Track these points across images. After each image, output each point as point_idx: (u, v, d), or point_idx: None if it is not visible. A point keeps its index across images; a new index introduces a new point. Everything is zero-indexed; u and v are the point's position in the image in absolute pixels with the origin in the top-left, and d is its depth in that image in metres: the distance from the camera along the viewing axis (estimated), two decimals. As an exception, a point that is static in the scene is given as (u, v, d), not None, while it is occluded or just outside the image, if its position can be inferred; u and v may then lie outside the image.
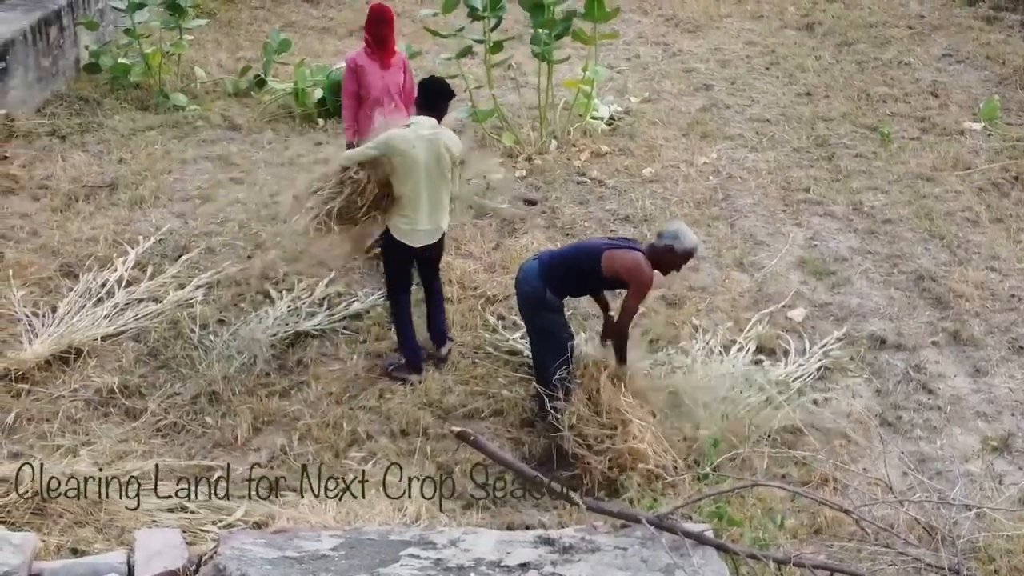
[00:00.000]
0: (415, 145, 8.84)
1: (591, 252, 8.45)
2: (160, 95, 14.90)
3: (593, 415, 8.09)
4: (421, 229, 9.07)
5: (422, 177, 8.89)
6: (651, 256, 8.28)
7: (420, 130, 8.95)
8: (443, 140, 8.99)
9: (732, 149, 13.75)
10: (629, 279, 8.26)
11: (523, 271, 8.65)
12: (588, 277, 8.43)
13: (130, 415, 8.76)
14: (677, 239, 8.28)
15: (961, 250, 11.34)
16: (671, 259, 8.33)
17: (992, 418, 8.85)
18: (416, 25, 17.18)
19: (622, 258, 8.27)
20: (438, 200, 9.08)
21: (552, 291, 8.41)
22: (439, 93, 9.23)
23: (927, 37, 17.92)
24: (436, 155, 8.91)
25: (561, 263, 8.51)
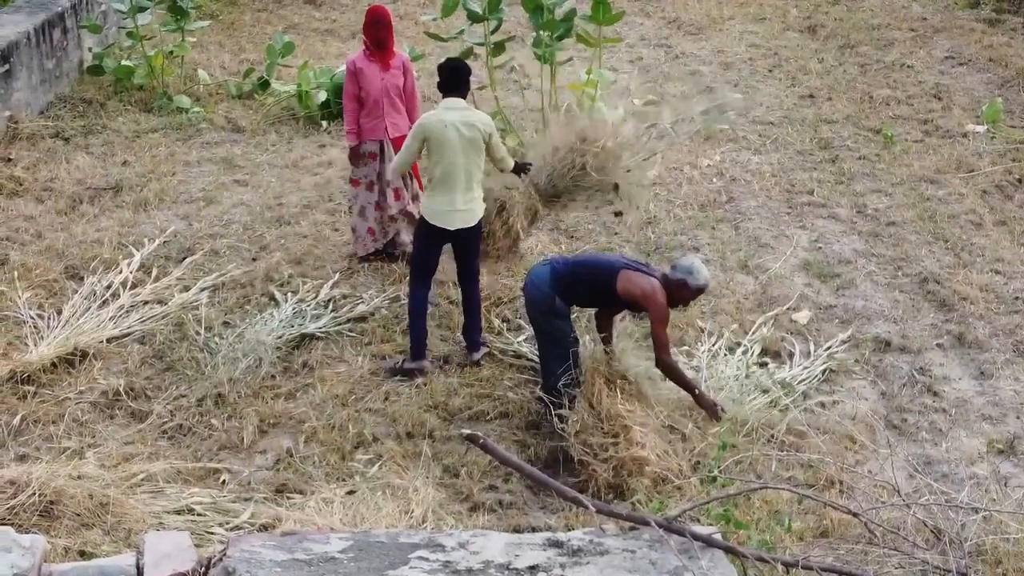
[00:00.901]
0: (446, 125, 9.04)
1: (607, 268, 8.45)
2: (163, 97, 14.90)
3: (596, 423, 8.08)
4: (458, 210, 9.19)
5: (458, 157, 9.07)
6: (664, 286, 8.30)
7: (450, 111, 9.15)
8: (475, 118, 9.20)
9: (735, 152, 13.76)
10: (647, 305, 8.29)
11: (533, 275, 8.63)
12: (601, 291, 8.44)
13: (136, 417, 8.75)
14: (691, 275, 8.30)
15: (965, 253, 11.34)
16: (683, 294, 8.35)
17: (997, 421, 8.84)
18: (419, 27, 17.22)
19: (639, 282, 8.28)
20: (472, 180, 9.23)
21: (562, 298, 8.41)
22: (457, 71, 9.35)
23: (929, 40, 17.94)
24: (469, 134, 9.09)
25: (574, 273, 8.50)
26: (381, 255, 11.00)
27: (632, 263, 8.58)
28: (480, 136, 9.15)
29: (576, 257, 9.00)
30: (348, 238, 11.24)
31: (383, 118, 10.71)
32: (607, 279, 8.36)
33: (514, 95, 14.84)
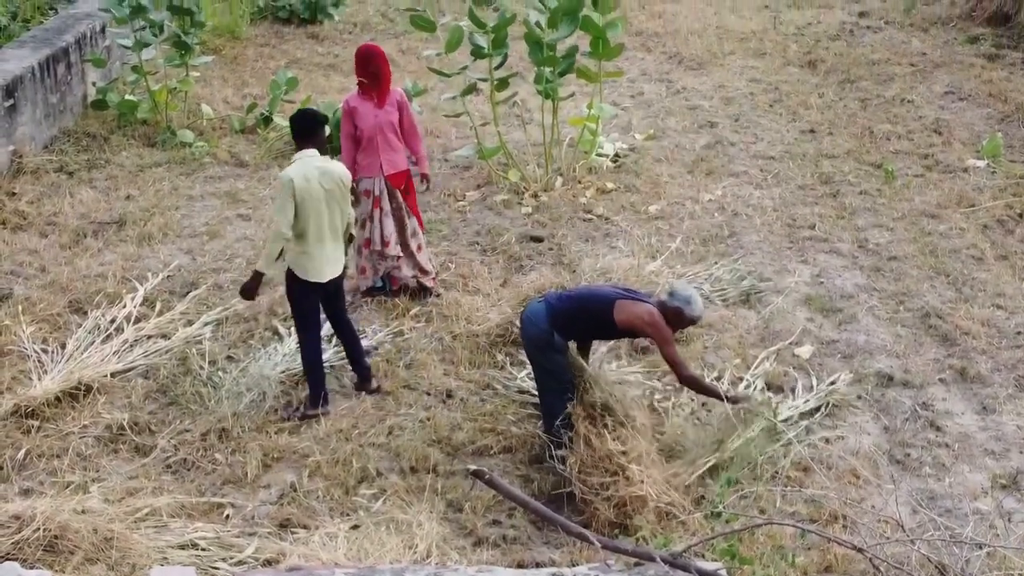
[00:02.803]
0: (308, 179, 8.85)
1: (602, 300, 8.46)
2: (167, 132, 14.98)
3: (594, 461, 8.08)
4: (328, 262, 9.10)
5: (321, 208, 8.91)
6: (660, 312, 8.33)
7: (311, 164, 8.96)
8: (332, 169, 9.04)
9: (737, 186, 13.81)
10: (650, 333, 8.35)
11: (530, 312, 8.62)
12: (598, 324, 8.44)
13: (140, 452, 8.76)
14: (688, 304, 8.36)
15: (967, 287, 11.36)
16: (677, 320, 8.40)
17: (1000, 456, 8.84)
18: (420, 63, 17.30)
19: (637, 311, 8.31)
20: (338, 231, 9.14)
21: (560, 334, 8.42)
22: (311, 124, 9.11)
23: (929, 75, 18.03)
24: (328, 186, 8.94)
25: (569, 308, 8.49)
26: (383, 290, 11.02)
27: (624, 292, 8.60)
28: (338, 187, 9.00)
29: (570, 292, 8.95)
30: (349, 273, 11.27)
31: (378, 155, 10.72)
32: (604, 311, 8.37)
33: (516, 130, 14.91)
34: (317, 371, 9.28)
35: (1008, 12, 20.00)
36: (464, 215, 12.96)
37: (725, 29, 20.93)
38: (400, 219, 10.89)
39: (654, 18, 21.75)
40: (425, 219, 11.99)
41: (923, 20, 21.22)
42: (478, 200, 13.36)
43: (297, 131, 9.12)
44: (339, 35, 20.36)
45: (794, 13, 22.17)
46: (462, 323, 10.53)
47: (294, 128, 9.15)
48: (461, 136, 15.11)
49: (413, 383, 9.72)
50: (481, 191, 13.60)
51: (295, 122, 9.15)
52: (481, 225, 12.68)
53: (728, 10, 22.43)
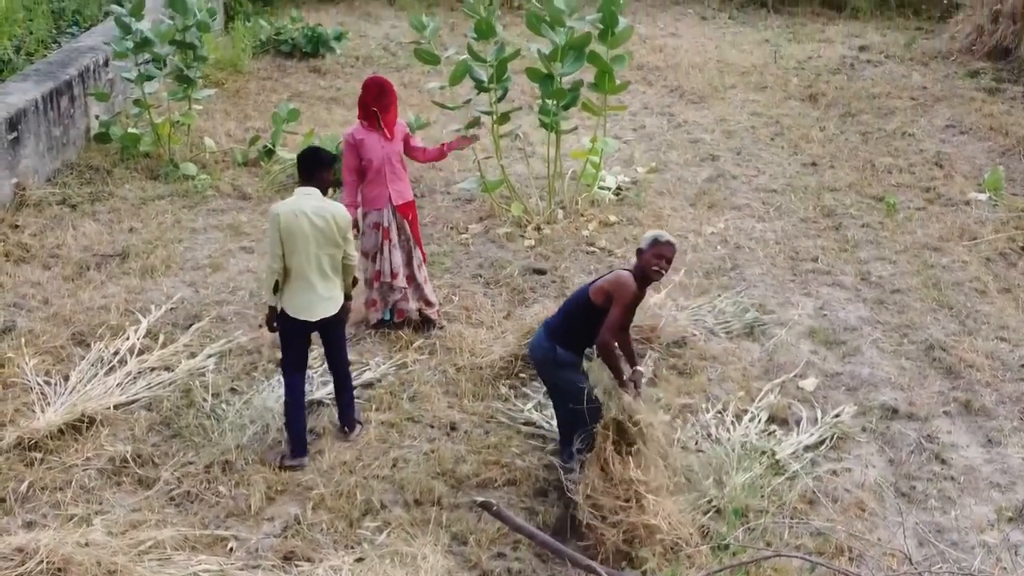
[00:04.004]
0: (297, 215, 8.73)
1: (580, 293, 8.42)
2: (170, 165, 15.01)
3: (607, 486, 8.04)
4: (311, 301, 8.93)
5: (310, 246, 8.78)
6: (635, 271, 8.26)
7: (305, 202, 8.84)
8: (329, 210, 8.87)
9: (739, 219, 13.83)
10: (614, 291, 8.14)
11: (533, 338, 8.64)
12: (586, 317, 8.29)
13: (143, 484, 8.72)
14: (657, 236, 8.24)
15: (970, 320, 11.36)
16: (647, 259, 8.19)
17: (1006, 488, 8.82)
18: (423, 95, 17.36)
19: (606, 280, 8.24)
20: (325, 270, 8.95)
21: (563, 347, 8.37)
22: (316, 163, 9.01)
23: (930, 108, 18.09)
24: (321, 224, 8.79)
25: (561, 318, 8.47)
26: (388, 322, 11.02)
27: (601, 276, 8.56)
28: (333, 228, 8.83)
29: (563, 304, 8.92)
30: (355, 305, 11.26)
31: (386, 186, 10.72)
32: (584, 301, 8.29)
33: (519, 163, 14.94)
34: (295, 418, 9.07)
35: (1008, 46, 20.08)
36: (467, 248, 12.97)
37: (726, 63, 21.01)
38: (407, 251, 10.90)
39: (655, 52, 21.84)
40: (428, 252, 12.02)
41: (923, 54, 21.30)
42: (481, 233, 13.37)
43: (302, 168, 9.04)
44: (341, 69, 20.42)
45: (795, 47, 22.27)
46: (466, 355, 10.52)
47: (300, 165, 9.07)
48: (464, 169, 15.13)
49: (417, 415, 9.70)
50: (484, 224, 13.61)
51: (301, 159, 9.07)
52: (484, 258, 12.69)
53: (729, 44, 22.54)
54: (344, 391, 9.43)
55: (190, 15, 15.05)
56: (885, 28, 23.78)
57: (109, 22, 17.45)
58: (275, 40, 21.11)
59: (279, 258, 8.78)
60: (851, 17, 24.76)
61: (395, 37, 22.31)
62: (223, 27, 21.76)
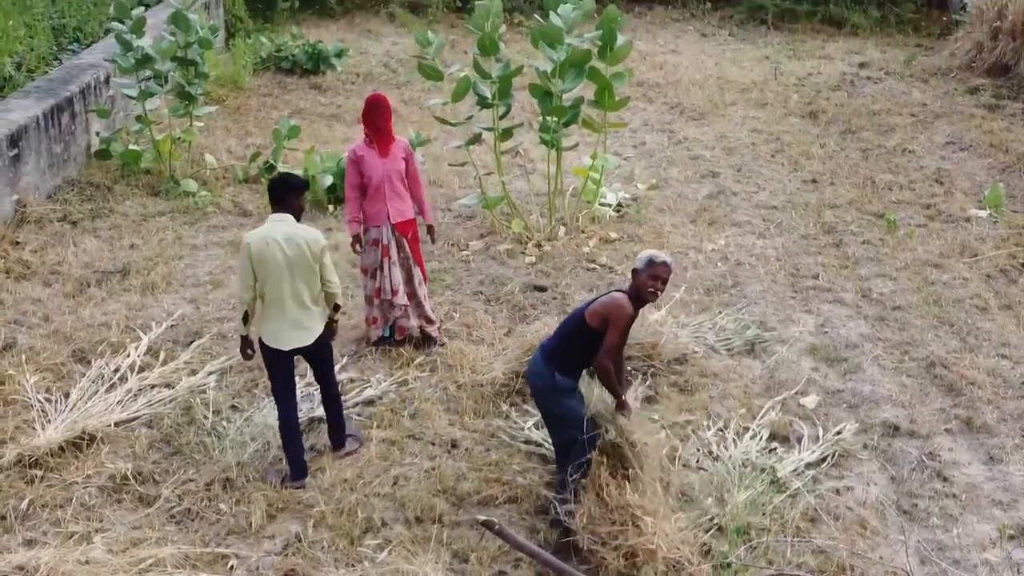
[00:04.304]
0: (269, 243, 8.64)
1: (576, 316, 8.37)
2: (170, 181, 15.03)
3: (604, 513, 8.03)
4: (289, 330, 8.85)
5: (282, 274, 8.69)
6: (630, 293, 8.24)
7: (277, 228, 8.74)
8: (302, 236, 8.77)
9: (740, 236, 13.83)
10: (608, 315, 8.12)
11: (530, 364, 8.57)
12: (582, 340, 8.25)
13: (144, 502, 8.71)
14: (645, 261, 8.20)
15: (971, 337, 11.35)
16: (643, 281, 8.18)
17: (1008, 506, 8.80)
18: (424, 112, 17.39)
19: (601, 303, 8.20)
20: (303, 299, 8.85)
21: (561, 372, 8.30)
22: (287, 189, 8.89)
23: (930, 125, 18.11)
24: (291, 252, 8.70)
25: (557, 341, 8.43)
26: (388, 340, 11.02)
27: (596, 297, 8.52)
28: (306, 254, 8.73)
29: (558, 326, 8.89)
30: (355, 322, 11.28)
31: (385, 204, 10.73)
32: (580, 324, 8.24)
33: (519, 179, 14.96)
34: (290, 440, 9.02)
35: (1008, 63, 20.10)
36: (468, 264, 12.97)
37: (726, 80, 21.04)
38: (407, 268, 10.91)
39: (656, 69, 21.87)
40: (429, 268, 12.02)
41: (923, 71, 21.34)
42: (482, 250, 13.37)
43: (273, 195, 8.92)
44: (342, 85, 20.45)
45: (795, 64, 22.30)
46: (467, 373, 10.51)
47: (271, 192, 8.95)
48: (464, 186, 15.14)
49: (418, 433, 9.69)
50: (485, 241, 13.62)
51: (271, 186, 8.96)
52: (485, 275, 12.69)
53: (729, 61, 22.57)
54: (331, 411, 9.38)
55: (191, 32, 15.08)
56: (885, 45, 23.82)
57: (110, 39, 17.46)
58: (276, 57, 21.15)
59: (250, 288, 8.72)
60: (851, 34, 24.81)
61: (396, 54, 22.35)
62: (224, 44, 21.79)
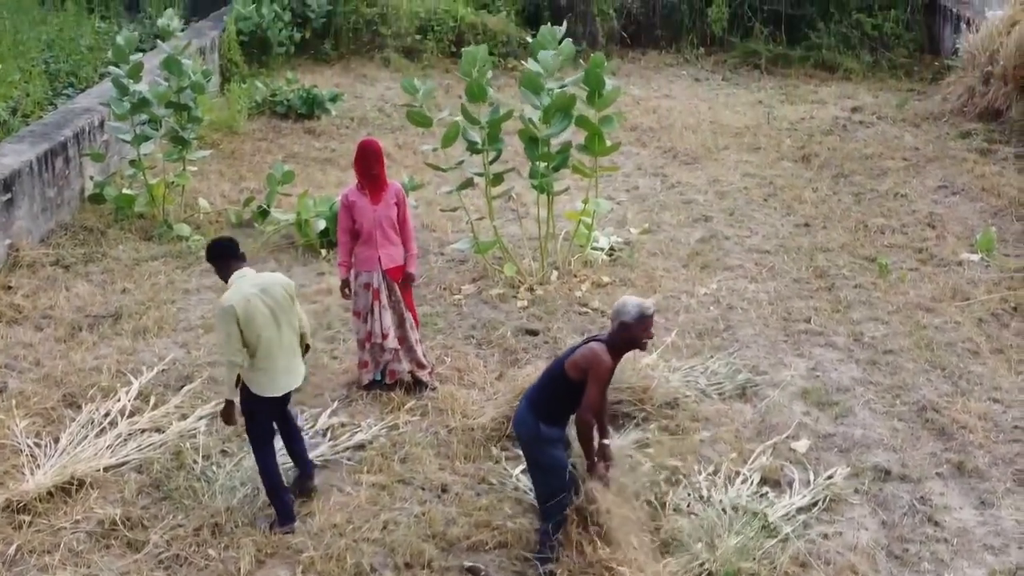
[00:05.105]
0: (250, 300, 8.65)
1: (556, 367, 8.37)
2: (164, 225, 15.05)
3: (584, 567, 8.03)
4: (282, 375, 8.90)
5: (272, 327, 8.74)
6: (611, 343, 8.23)
7: (248, 283, 8.76)
8: (274, 282, 8.87)
9: (732, 280, 13.85)
10: (588, 367, 8.11)
11: (516, 413, 8.56)
12: (564, 390, 8.24)
13: (132, 547, 8.68)
14: (622, 314, 8.17)
15: (963, 381, 11.35)
16: (630, 335, 8.21)
17: (1000, 551, 8.78)
18: (418, 157, 17.44)
19: (580, 355, 8.18)
20: (289, 343, 8.93)
21: (546, 423, 8.28)
22: (221, 247, 8.96)
23: (922, 169, 18.14)
24: (276, 299, 8.77)
25: (541, 391, 8.41)
26: (379, 383, 11.01)
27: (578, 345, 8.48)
28: (285, 296, 8.83)
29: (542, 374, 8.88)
30: (346, 366, 11.28)
31: (376, 250, 10.76)
32: (560, 375, 8.24)
33: (512, 224, 14.99)
34: (280, 490, 9.03)
35: (999, 108, 20.15)
36: (460, 308, 12.98)
37: (719, 124, 21.10)
38: (398, 312, 10.92)
39: (649, 113, 21.94)
40: (421, 313, 12.02)
41: (915, 115, 21.39)
42: (474, 294, 13.39)
43: (214, 261, 8.96)
44: (336, 130, 20.50)
45: (787, 108, 22.38)
46: (458, 417, 10.50)
47: (211, 258, 8.99)
48: (457, 230, 15.17)
49: (408, 477, 9.67)
50: (477, 285, 13.63)
51: (209, 254, 9.01)
52: (477, 319, 12.69)
53: (722, 105, 22.65)
54: (298, 440, 9.45)
55: (184, 77, 15.14)
56: (877, 90, 23.90)
57: (105, 84, 17.54)
58: (271, 101, 21.19)
59: (239, 352, 8.67)
60: (844, 79, 24.89)
61: (390, 98, 22.41)
62: (219, 88, 21.85)
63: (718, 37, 26.82)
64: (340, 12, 25.55)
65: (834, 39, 25.80)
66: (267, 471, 9.02)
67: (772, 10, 26.54)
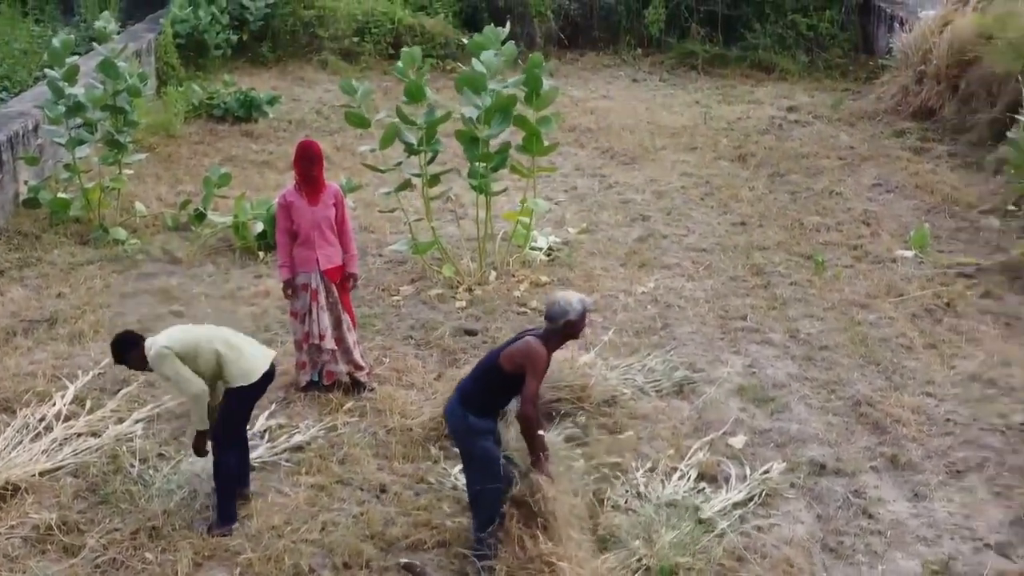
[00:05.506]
0: (184, 331, 8.87)
1: (491, 359, 8.41)
2: (100, 229, 14.94)
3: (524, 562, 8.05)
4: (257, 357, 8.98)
5: (208, 334, 8.86)
6: (548, 338, 8.28)
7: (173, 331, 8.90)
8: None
9: (670, 278, 13.93)
10: (524, 362, 8.16)
11: (447, 404, 8.60)
12: (498, 383, 8.29)
13: (68, 552, 8.61)
14: (568, 312, 8.23)
15: (897, 375, 11.48)
16: (572, 331, 8.32)
17: (932, 542, 8.88)
18: (356, 159, 17.41)
19: (516, 349, 8.23)
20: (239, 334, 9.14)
21: (476, 414, 8.29)
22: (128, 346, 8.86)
23: (857, 167, 18.33)
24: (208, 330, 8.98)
25: (473, 384, 8.44)
26: (317, 385, 11.00)
27: (514, 338, 8.54)
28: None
29: (475, 367, 8.91)
30: (284, 368, 11.24)
31: (315, 250, 10.75)
32: (495, 368, 8.28)
33: (450, 224, 15.00)
34: (234, 494, 9.06)
35: (933, 106, 20.40)
36: (398, 309, 12.98)
37: (657, 124, 21.21)
38: (336, 314, 10.91)
39: (587, 114, 22.02)
40: (359, 314, 12.00)
41: (850, 115, 21.61)
42: (412, 295, 13.39)
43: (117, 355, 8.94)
44: (274, 132, 20.43)
45: (724, 108, 22.54)
46: (396, 417, 10.50)
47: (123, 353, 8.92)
48: (395, 231, 15.16)
49: (347, 478, 9.65)
50: (415, 286, 13.64)
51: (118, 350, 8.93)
52: (415, 319, 12.70)
53: (660, 106, 22.78)
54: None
55: (121, 80, 15.04)
56: (813, 89, 24.12)
57: (39, 87, 17.40)
58: (208, 104, 21.08)
59: (195, 381, 8.67)
60: (780, 79, 25.10)
61: (328, 101, 22.36)
62: (156, 92, 21.70)
63: (655, 38, 26.97)
64: (278, 15, 25.50)
65: (770, 40, 26.04)
66: (230, 474, 9.02)
67: (709, 11, 26.73)
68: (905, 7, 24.57)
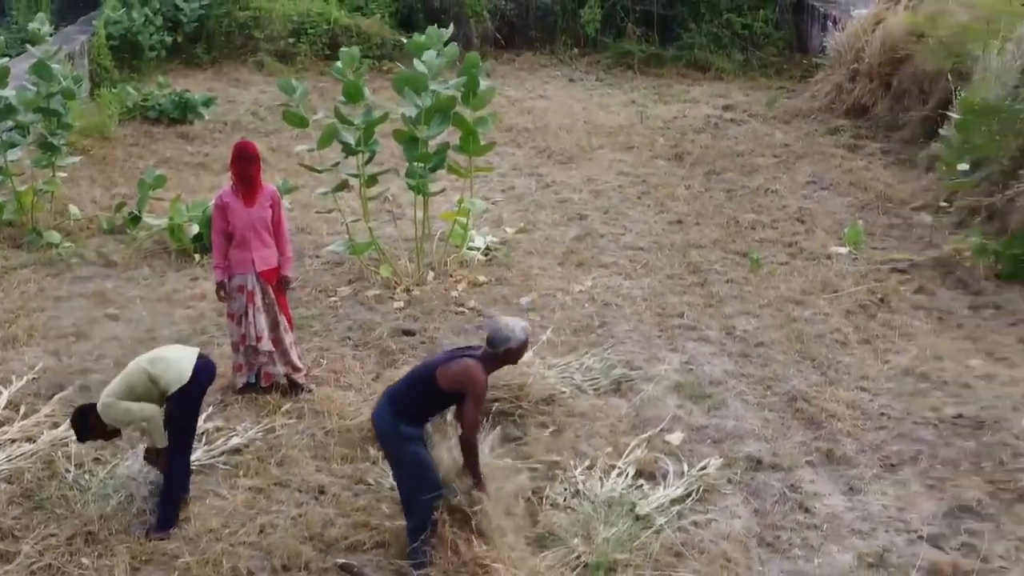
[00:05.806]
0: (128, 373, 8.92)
1: (427, 371, 8.39)
2: (33, 233, 14.81)
3: (459, 565, 8.07)
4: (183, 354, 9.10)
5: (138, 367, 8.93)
6: (487, 361, 8.31)
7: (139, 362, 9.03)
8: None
9: (607, 277, 13.99)
10: (465, 386, 8.17)
11: (376, 409, 8.56)
12: (432, 397, 8.32)
13: (3, 558, 8.52)
14: (511, 340, 8.28)
15: (832, 371, 11.58)
16: (511, 358, 8.41)
17: (867, 535, 8.98)
18: (291, 160, 17.35)
19: (455, 368, 8.22)
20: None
21: (406, 423, 8.30)
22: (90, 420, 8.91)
23: (792, 165, 18.49)
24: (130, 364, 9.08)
25: (405, 392, 8.42)
26: (254, 387, 10.96)
27: (451, 354, 8.53)
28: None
29: (403, 377, 8.90)
30: (222, 370, 11.15)
31: (251, 252, 10.72)
32: (430, 382, 8.27)
33: (388, 225, 14.99)
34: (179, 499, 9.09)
35: (866, 104, 20.62)
36: (336, 310, 12.95)
37: (594, 124, 21.29)
38: (272, 315, 10.88)
39: (524, 114, 22.07)
40: (296, 315, 11.97)
41: (785, 113, 21.79)
42: (350, 295, 13.36)
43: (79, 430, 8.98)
44: (210, 134, 20.32)
45: (661, 108, 22.65)
46: (334, 418, 10.48)
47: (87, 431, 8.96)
48: (332, 232, 15.13)
49: (285, 480, 9.62)
50: (353, 286, 13.61)
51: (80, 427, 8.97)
52: (353, 320, 12.68)
53: (596, 105, 22.85)
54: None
55: (54, 82, 14.90)
56: (748, 88, 24.29)
57: (-30, 90, 17.18)
58: (142, 106, 20.93)
59: (145, 407, 8.78)
60: (715, 78, 25.26)
61: (264, 102, 22.28)
62: (89, 94, 21.51)
63: (591, 38, 27.07)
64: (212, 16, 25.39)
65: (705, 39, 26.21)
66: (181, 477, 9.07)
67: (644, 11, 26.85)
68: (838, 6, 24.79)
